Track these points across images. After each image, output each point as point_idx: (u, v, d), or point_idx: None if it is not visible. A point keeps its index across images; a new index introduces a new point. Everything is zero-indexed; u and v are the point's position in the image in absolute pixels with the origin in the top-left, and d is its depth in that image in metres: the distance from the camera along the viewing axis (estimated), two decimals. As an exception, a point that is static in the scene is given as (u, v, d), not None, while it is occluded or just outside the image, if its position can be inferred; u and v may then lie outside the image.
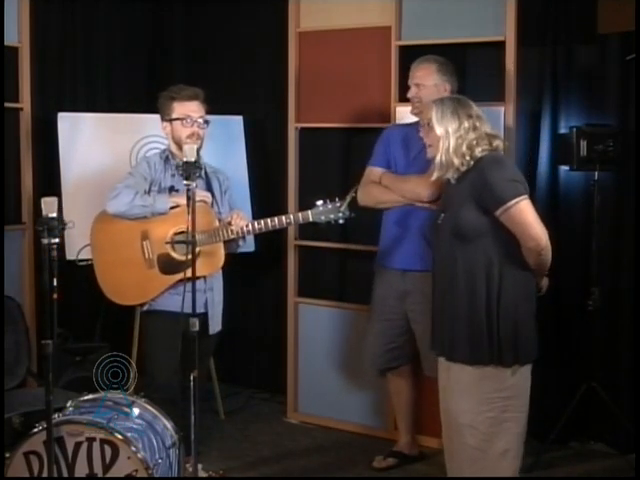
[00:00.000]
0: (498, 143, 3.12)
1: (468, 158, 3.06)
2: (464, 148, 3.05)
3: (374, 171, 3.93)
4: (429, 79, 3.82)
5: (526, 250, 3.02)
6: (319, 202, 3.56)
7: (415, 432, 4.20)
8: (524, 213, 2.99)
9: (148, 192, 3.65)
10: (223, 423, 4.70)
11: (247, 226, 3.61)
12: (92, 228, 3.74)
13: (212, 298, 3.75)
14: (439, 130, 3.09)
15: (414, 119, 3.95)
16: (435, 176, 3.17)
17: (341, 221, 3.57)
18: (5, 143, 4.25)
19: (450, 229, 3.09)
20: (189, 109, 3.69)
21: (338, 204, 3.54)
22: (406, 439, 4.16)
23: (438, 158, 3.11)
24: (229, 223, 3.62)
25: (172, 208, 3.61)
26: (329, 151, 4.69)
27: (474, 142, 3.06)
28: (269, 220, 3.60)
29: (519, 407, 3.08)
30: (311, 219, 3.59)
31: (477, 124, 3.08)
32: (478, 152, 3.06)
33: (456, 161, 3.07)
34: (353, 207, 3.61)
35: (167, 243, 3.62)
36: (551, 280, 4.33)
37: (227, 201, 3.84)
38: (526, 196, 3.01)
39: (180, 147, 3.62)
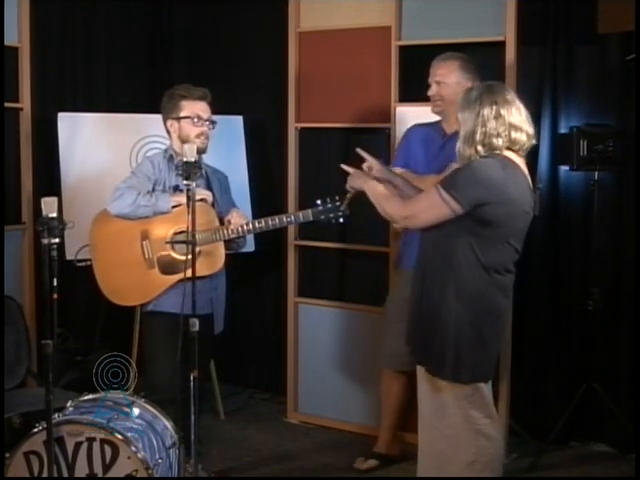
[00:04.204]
0: (517, 136, 2.91)
1: (481, 147, 2.89)
2: (478, 136, 2.89)
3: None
4: (451, 77, 3.77)
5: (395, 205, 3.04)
6: (319, 201, 3.57)
7: (397, 431, 4.17)
8: (430, 195, 2.92)
9: (152, 192, 3.64)
10: (223, 423, 4.70)
11: (247, 225, 3.62)
12: (91, 228, 3.74)
13: (217, 298, 3.76)
14: (460, 117, 2.97)
15: (418, 120, 3.95)
16: (456, 167, 3.03)
17: (341, 220, 3.57)
18: (5, 143, 4.25)
19: None
20: (199, 109, 3.69)
21: (338, 203, 3.55)
22: (387, 439, 4.14)
23: (457, 147, 2.98)
24: (228, 222, 3.62)
25: (174, 207, 3.60)
26: (329, 151, 4.68)
27: (493, 131, 2.88)
28: (269, 219, 3.61)
29: (481, 418, 3.02)
30: (311, 218, 3.60)
31: (502, 112, 2.88)
32: (498, 143, 2.89)
33: (467, 151, 2.92)
34: (353, 206, 3.61)
35: (167, 243, 3.61)
36: (551, 280, 4.37)
37: (227, 201, 3.84)
38: (456, 204, 2.84)
39: None
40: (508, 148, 2.94)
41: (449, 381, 2.99)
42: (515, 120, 2.92)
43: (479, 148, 2.91)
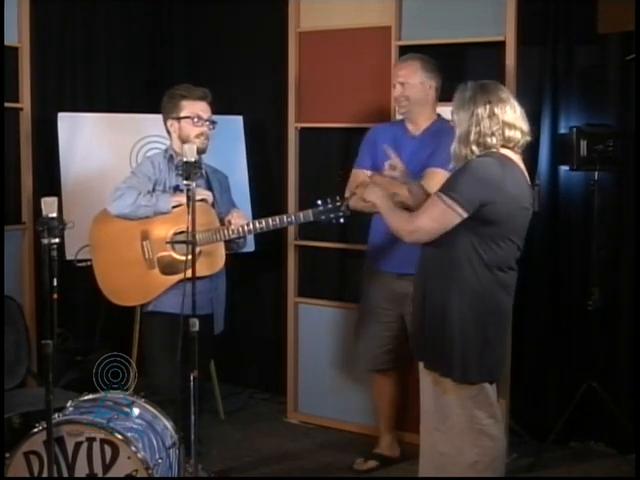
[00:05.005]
0: (511, 134, 2.92)
1: (476, 147, 2.90)
2: (472, 136, 2.90)
3: (360, 174, 3.90)
4: (414, 77, 3.81)
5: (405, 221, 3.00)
6: (319, 201, 3.57)
7: (396, 433, 4.19)
8: (433, 204, 2.90)
9: (152, 192, 3.64)
10: (223, 423, 4.70)
11: (247, 225, 3.61)
12: (91, 228, 3.73)
13: (217, 298, 3.76)
14: (454, 117, 2.97)
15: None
16: (451, 167, 3.04)
17: (342, 220, 3.57)
18: (5, 143, 4.25)
19: None
20: (199, 109, 3.69)
21: (338, 203, 3.55)
22: (387, 440, 4.16)
23: (452, 147, 2.98)
24: (229, 222, 3.62)
25: (174, 207, 3.60)
26: (329, 151, 4.69)
27: (487, 131, 2.89)
28: (270, 219, 3.60)
29: (485, 418, 3.01)
30: (312, 218, 3.60)
31: (496, 110, 2.89)
32: (492, 141, 2.90)
33: (463, 151, 2.93)
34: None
35: (167, 243, 3.61)
36: (551, 280, 4.37)
37: (227, 201, 3.84)
38: (461, 208, 2.85)
39: None
40: (503, 146, 2.95)
41: (458, 382, 2.97)
42: (509, 118, 2.93)
43: (474, 148, 2.92)
